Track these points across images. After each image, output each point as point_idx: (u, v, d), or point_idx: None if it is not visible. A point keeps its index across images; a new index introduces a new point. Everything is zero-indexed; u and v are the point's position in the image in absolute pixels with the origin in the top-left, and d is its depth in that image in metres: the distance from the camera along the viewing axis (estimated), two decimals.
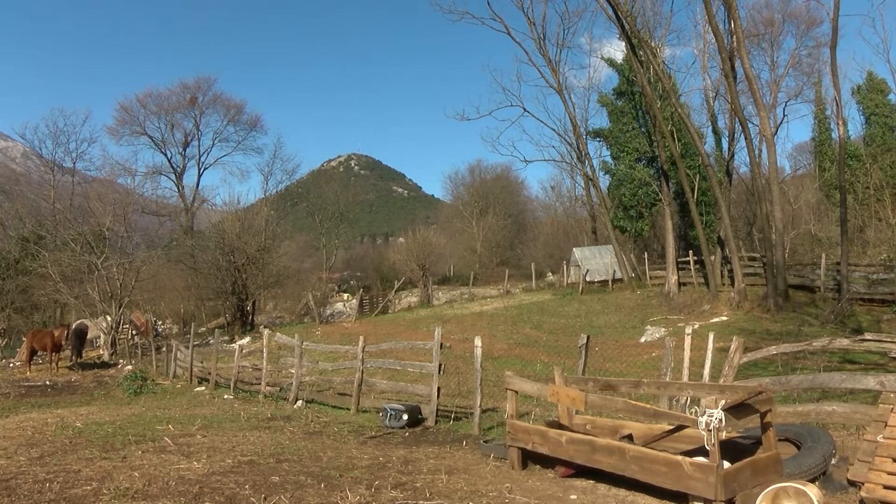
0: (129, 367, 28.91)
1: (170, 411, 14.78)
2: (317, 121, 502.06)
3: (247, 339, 33.85)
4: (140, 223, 52.65)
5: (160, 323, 47.40)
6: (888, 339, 8.26)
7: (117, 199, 43.48)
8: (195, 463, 7.66)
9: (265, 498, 5.97)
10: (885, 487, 5.59)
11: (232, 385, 20.03)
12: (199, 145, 74.96)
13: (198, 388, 21.71)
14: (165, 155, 72.98)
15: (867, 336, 8.40)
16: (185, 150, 73.74)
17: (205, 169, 75.43)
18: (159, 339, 36.99)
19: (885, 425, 6.14)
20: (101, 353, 35.32)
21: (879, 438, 6.05)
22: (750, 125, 34.43)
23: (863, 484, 5.76)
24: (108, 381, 24.50)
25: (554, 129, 67.01)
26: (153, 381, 23.40)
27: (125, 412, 14.56)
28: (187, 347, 25.20)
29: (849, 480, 6.09)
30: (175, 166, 72.94)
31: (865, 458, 6.03)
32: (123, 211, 41.88)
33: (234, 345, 26.99)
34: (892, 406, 6.31)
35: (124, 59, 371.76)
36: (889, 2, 70.84)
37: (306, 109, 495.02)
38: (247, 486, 6.44)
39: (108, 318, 35.99)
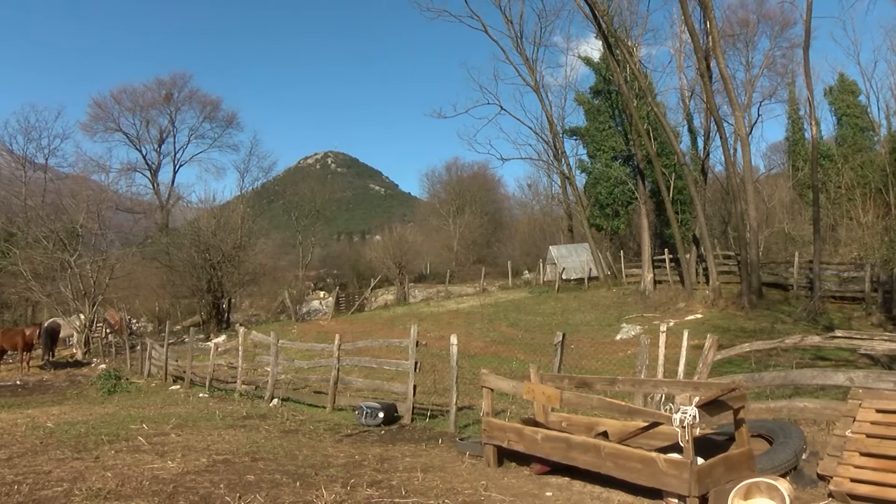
0: (103, 365, 28.61)
1: (144, 410, 14.63)
2: (294, 118, 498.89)
3: (222, 338, 33.65)
4: (114, 220, 51.99)
5: (135, 321, 46.97)
6: (857, 336, 8.38)
7: (91, 196, 42.92)
8: (169, 462, 7.58)
9: (240, 497, 5.92)
10: (853, 480, 5.68)
11: (207, 383, 19.88)
12: (174, 142, 74.34)
13: (173, 387, 21.54)
14: (140, 152, 72.22)
15: (838, 333, 8.51)
16: (160, 146, 73.06)
17: (180, 166, 74.86)
18: (134, 338, 36.68)
19: (854, 420, 6.23)
20: (75, 351, 34.90)
21: (848, 433, 6.14)
22: (725, 124, 34.75)
23: (831, 478, 5.84)
24: (82, 381, 24.22)
25: (531, 128, 67.12)
26: (127, 379, 23.15)
27: (98, 411, 14.40)
28: (162, 346, 24.97)
29: (818, 475, 6.17)
30: (150, 163, 72.21)
31: (834, 452, 6.11)
32: (97, 208, 41.32)
33: (209, 343, 26.82)
34: (860, 401, 6.40)
35: (98, 55, 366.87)
36: (858, 5, 71.73)
37: (283, 106, 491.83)
38: (222, 485, 6.38)
39: (82, 317, 35.58)
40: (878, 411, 6.18)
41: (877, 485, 5.53)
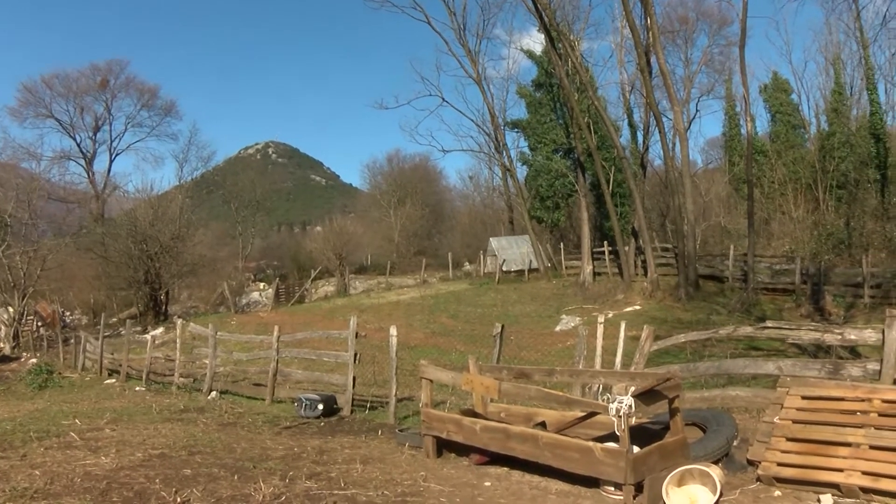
0: (34, 360, 27.78)
1: (77, 405, 14.30)
2: (235, 108, 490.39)
3: (160, 330, 33.07)
4: (46, 210, 50.52)
5: (68, 314, 45.73)
6: (787, 327, 8.60)
7: (20, 185, 41.70)
8: (103, 458, 7.39)
9: (176, 491, 5.82)
10: (779, 465, 5.84)
11: (144, 377, 19.50)
12: (110, 130, 72.20)
13: (108, 381, 21.08)
14: (74, 139, 69.85)
15: (768, 324, 8.71)
16: (95, 134, 70.88)
17: (117, 155, 72.76)
18: (67, 331, 35.68)
19: (782, 407, 6.40)
20: (2, 346, 33.88)
21: (776, 420, 6.31)
22: (664, 119, 35.32)
23: (760, 462, 5.99)
24: (10, 376, 23.53)
25: (472, 120, 67.12)
26: (60, 374, 22.60)
27: (27, 407, 14.04)
28: (97, 339, 24.39)
29: (748, 460, 6.33)
30: (85, 151, 69.99)
31: (763, 438, 6.28)
32: (28, 197, 40.14)
33: (146, 335, 26.31)
34: (787, 389, 6.58)
35: (27, 38, 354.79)
36: (789, 6, 73.57)
37: (224, 96, 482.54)
38: (157, 480, 6.26)
39: (10, 310, 34.57)
40: (804, 398, 6.37)
41: (800, 467, 5.71)
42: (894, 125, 42.56)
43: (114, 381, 20.90)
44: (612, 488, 5.80)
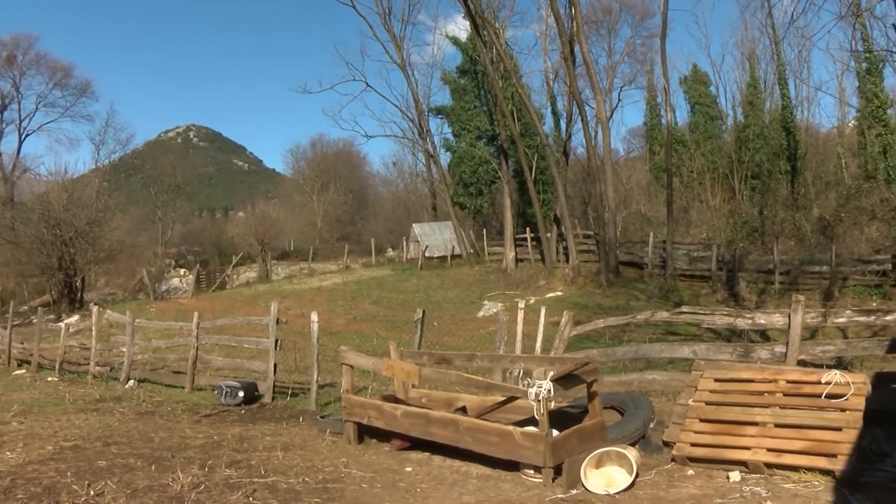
0: None
1: None
2: (154, 89, 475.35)
3: (76, 318, 31.96)
4: None
5: None
6: (701, 312, 8.85)
7: None
8: (8, 453, 7.11)
9: (89, 484, 5.64)
10: (693, 445, 6.01)
11: (57, 367, 18.82)
12: (19, 109, 68.77)
13: (17, 372, 20.28)
14: None
15: (684, 309, 8.94)
16: (2, 113, 67.73)
17: (27, 135, 69.44)
18: None
19: (696, 390, 6.58)
20: None
21: (690, 402, 6.48)
22: (587, 108, 35.84)
23: (675, 443, 6.15)
24: None
25: (396, 105, 66.78)
26: None
27: None
28: (5, 328, 23.42)
29: (664, 441, 6.49)
30: None
31: (678, 420, 6.44)
32: None
33: (60, 324, 25.37)
34: (701, 372, 6.76)
35: None
36: (707, 1, 75.48)
37: (143, 77, 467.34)
38: (69, 473, 6.05)
39: None
40: (717, 380, 6.56)
41: (712, 447, 5.89)
42: (803, 119, 44.27)
43: (24, 371, 20.12)
44: (532, 471, 5.89)
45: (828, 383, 5.83)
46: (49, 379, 17.59)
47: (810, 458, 5.35)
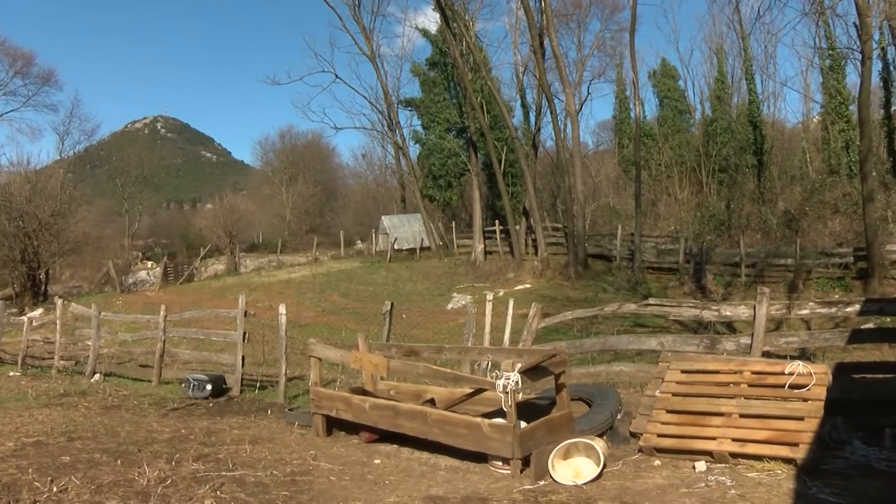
0: None
1: None
2: (120, 79, 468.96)
3: (39, 311, 31.49)
4: None
5: None
6: (668, 304, 8.93)
7: None
8: None
9: (52, 481, 5.52)
10: (659, 436, 6.07)
11: (20, 361, 18.48)
12: None
13: None
14: None
15: (651, 301, 9.02)
16: None
17: None
18: None
19: (663, 381, 6.65)
20: None
21: (657, 393, 6.54)
22: (556, 101, 35.88)
23: (642, 434, 6.21)
24: None
25: (366, 97, 66.68)
26: None
27: None
28: None
29: (631, 432, 6.55)
30: None
31: (645, 411, 6.51)
32: None
33: (23, 317, 24.96)
34: (668, 364, 6.83)
35: None
36: None
37: (109, 66, 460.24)
38: (31, 470, 5.91)
39: None
40: (683, 372, 6.64)
41: (679, 437, 5.97)
42: (769, 114, 44.84)
43: None
44: (500, 463, 5.90)
45: (791, 374, 5.93)
46: (11, 374, 17.26)
47: (773, 448, 5.44)
